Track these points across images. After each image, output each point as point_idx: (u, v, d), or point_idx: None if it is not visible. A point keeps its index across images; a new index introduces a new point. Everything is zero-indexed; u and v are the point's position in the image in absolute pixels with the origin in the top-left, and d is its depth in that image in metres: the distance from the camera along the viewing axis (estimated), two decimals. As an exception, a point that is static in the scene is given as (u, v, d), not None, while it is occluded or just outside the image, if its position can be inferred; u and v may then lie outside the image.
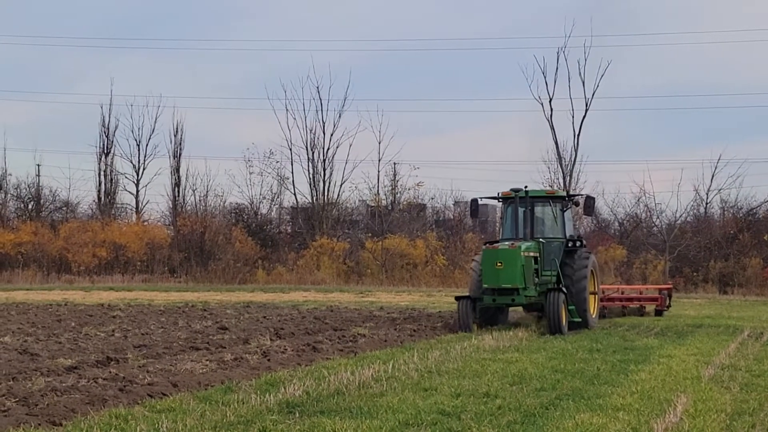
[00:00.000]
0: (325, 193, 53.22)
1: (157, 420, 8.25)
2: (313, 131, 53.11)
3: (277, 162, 54.16)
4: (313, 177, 53.15)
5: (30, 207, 56.57)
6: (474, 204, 22.13)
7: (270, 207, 56.92)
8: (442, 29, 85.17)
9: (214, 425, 8.21)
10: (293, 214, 56.24)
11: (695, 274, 45.07)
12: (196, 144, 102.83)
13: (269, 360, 12.93)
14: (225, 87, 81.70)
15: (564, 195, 21.13)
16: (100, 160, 56.23)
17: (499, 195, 20.70)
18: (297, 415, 8.72)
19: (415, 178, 58.15)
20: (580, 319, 19.27)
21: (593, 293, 20.67)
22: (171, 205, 56.10)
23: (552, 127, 50.98)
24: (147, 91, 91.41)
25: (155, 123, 56.84)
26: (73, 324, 19.50)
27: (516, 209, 20.23)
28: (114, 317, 21.87)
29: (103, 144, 56.51)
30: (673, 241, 46.92)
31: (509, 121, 76.79)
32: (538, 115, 51.78)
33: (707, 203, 50.05)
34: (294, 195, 54.68)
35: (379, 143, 52.43)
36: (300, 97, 62.35)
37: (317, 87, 53.28)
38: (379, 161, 52.85)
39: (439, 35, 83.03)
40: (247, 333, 17.18)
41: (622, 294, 26.55)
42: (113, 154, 56.56)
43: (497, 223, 40.59)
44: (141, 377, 10.79)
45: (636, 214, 51.37)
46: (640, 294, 26.89)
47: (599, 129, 75.75)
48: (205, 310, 25.16)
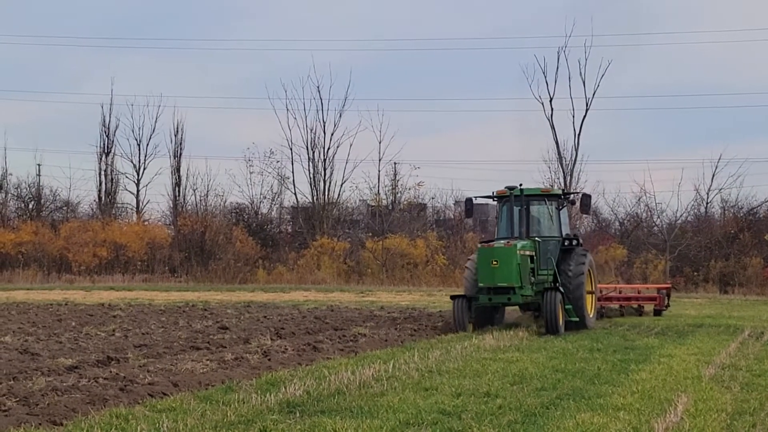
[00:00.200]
0: (326, 193, 53.30)
1: (158, 420, 8.25)
2: (314, 131, 53.25)
3: (278, 162, 54.30)
4: (314, 177, 53.25)
5: (30, 207, 56.58)
6: (469, 203, 21.94)
7: (270, 207, 57.04)
8: (442, 29, 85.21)
9: (214, 425, 8.21)
10: (294, 213, 56.25)
11: (696, 273, 45.06)
12: (196, 144, 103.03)
13: (270, 360, 12.93)
14: (225, 87, 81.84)
15: (560, 193, 20.84)
16: (100, 159, 56.36)
17: (494, 194, 20.47)
18: (297, 415, 8.71)
19: (416, 177, 58.22)
20: (577, 319, 18.95)
21: (590, 293, 20.34)
22: (171, 205, 56.15)
23: (552, 127, 51.06)
24: (147, 91, 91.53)
25: (156, 123, 57.02)
26: (74, 324, 19.50)
27: (511, 208, 20.03)
28: (114, 317, 21.87)
29: (104, 144, 56.68)
30: (674, 241, 46.91)
31: (510, 121, 76.82)
32: (538, 115, 51.88)
33: (708, 203, 50.10)
34: (294, 195, 54.80)
35: (380, 143, 52.61)
36: (300, 97, 62.66)
37: (318, 87, 53.42)
38: (380, 161, 53.02)
39: (440, 35, 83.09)
40: (248, 333, 17.18)
41: (620, 293, 26.00)
42: (114, 153, 56.75)
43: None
44: (141, 377, 10.79)
45: (636, 213, 51.42)
46: (638, 293, 26.31)
47: (600, 129, 75.85)
48: (206, 309, 25.16)
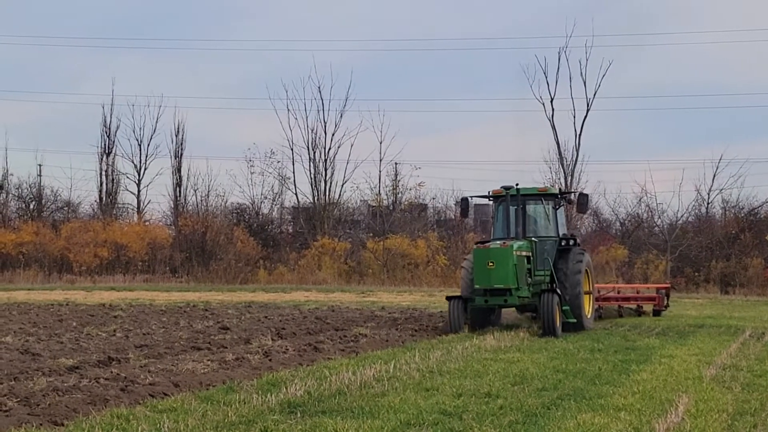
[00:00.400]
0: (327, 193, 53.28)
1: (159, 420, 8.25)
2: (315, 131, 53.22)
3: (279, 162, 54.26)
4: (315, 177, 53.21)
5: (31, 207, 56.57)
6: (464, 203, 21.71)
7: (271, 207, 57.02)
8: (442, 29, 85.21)
9: (215, 425, 8.21)
10: (295, 214, 56.23)
11: (697, 274, 45.04)
12: (197, 144, 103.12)
13: (271, 360, 12.93)
14: (226, 87, 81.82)
15: (556, 192, 20.42)
16: (101, 160, 56.34)
17: (490, 193, 20.15)
18: (298, 415, 8.72)
19: (417, 178, 58.11)
20: (575, 320, 18.69)
21: (588, 293, 20.06)
22: (172, 205, 56.13)
23: (553, 127, 51.03)
24: (148, 91, 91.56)
25: (156, 123, 56.99)
26: (75, 324, 19.51)
27: (507, 208, 19.72)
28: (115, 317, 21.87)
29: (105, 144, 56.64)
30: (675, 241, 46.89)
31: (510, 121, 76.81)
32: (539, 115, 51.86)
33: (709, 203, 50.05)
34: (295, 195, 54.77)
35: (381, 143, 52.56)
36: (301, 97, 62.57)
37: (318, 87, 53.39)
38: (381, 161, 52.97)
39: (440, 35, 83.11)
40: (249, 333, 17.18)
41: (618, 294, 25.67)
42: (115, 154, 56.71)
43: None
44: (142, 377, 10.79)
45: (637, 214, 51.39)
46: (637, 294, 25.99)
47: (601, 129, 75.72)
48: (207, 310, 25.16)
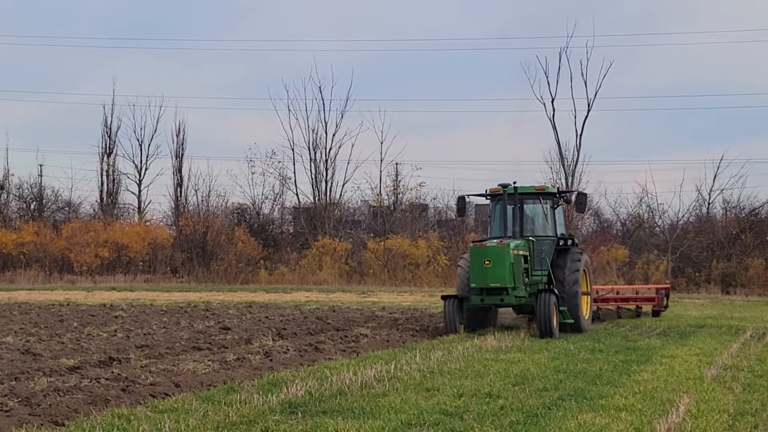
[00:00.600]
0: (327, 194, 53.32)
1: (160, 420, 8.25)
2: (316, 131, 53.32)
3: (279, 162, 54.36)
4: (316, 177, 53.27)
5: (32, 207, 56.62)
6: (461, 202, 21.55)
7: (272, 207, 57.10)
8: (443, 29, 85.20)
9: (216, 425, 8.21)
10: (295, 214, 56.28)
11: (697, 274, 45.07)
12: (198, 144, 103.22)
13: (271, 360, 12.93)
14: (227, 87, 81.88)
15: (554, 191, 20.11)
16: (102, 160, 56.47)
17: (487, 192, 19.88)
18: (299, 416, 8.71)
19: (417, 178, 58.36)
20: (572, 321, 18.43)
21: (586, 294, 19.81)
22: (173, 205, 56.21)
23: (554, 127, 51.10)
24: (149, 91, 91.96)
25: (157, 123, 57.15)
26: (76, 324, 19.51)
27: (505, 206, 19.43)
28: (116, 317, 21.87)
29: (106, 144, 56.79)
30: (676, 242, 46.91)
31: (511, 121, 76.77)
32: (540, 115, 51.89)
33: (709, 203, 50.12)
34: (296, 195, 54.85)
35: (381, 143, 52.62)
36: (302, 97, 62.55)
37: (319, 87, 53.53)
38: (381, 161, 53.02)
39: (441, 35, 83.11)
40: (250, 333, 17.18)
41: (617, 294, 25.42)
42: (115, 154, 56.88)
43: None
44: (143, 377, 10.79)
45: (638, 214, 51.43)
46: (636, 294, 25.78)
47: (601, 129, 75.76)
48: (208, 310, 25.16)
